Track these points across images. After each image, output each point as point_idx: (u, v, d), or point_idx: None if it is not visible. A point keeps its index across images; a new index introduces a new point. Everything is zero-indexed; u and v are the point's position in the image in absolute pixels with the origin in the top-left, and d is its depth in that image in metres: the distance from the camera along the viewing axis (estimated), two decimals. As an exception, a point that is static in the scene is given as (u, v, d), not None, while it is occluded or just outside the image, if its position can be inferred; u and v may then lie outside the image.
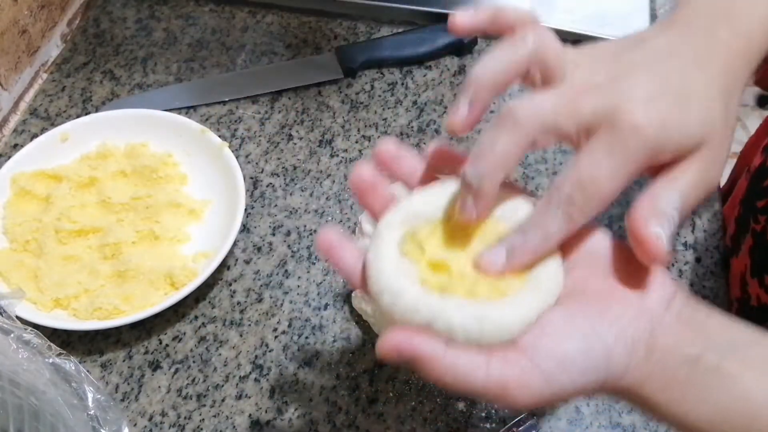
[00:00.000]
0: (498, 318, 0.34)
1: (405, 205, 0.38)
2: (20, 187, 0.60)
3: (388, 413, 0.53)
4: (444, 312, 0.34)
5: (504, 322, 0.34)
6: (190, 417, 0.53)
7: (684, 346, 0.34)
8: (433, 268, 0.36)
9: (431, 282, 0.36)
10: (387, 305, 0.35)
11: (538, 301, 0.35)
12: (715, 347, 0.34)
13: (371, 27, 0.77)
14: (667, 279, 0.37)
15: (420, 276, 0.36)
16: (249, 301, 0.59)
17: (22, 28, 0.71)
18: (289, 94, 0.72)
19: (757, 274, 0.55)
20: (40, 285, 0.56)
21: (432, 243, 0.37)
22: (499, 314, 0.34)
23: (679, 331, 0.35)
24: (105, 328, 0.54)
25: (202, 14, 0.78)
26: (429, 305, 0.34)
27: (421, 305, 0.34)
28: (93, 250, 0.59)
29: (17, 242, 0.58)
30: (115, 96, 0.71)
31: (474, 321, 0.34)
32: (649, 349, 0.34)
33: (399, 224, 0.38)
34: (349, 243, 0.38)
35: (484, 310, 0.34)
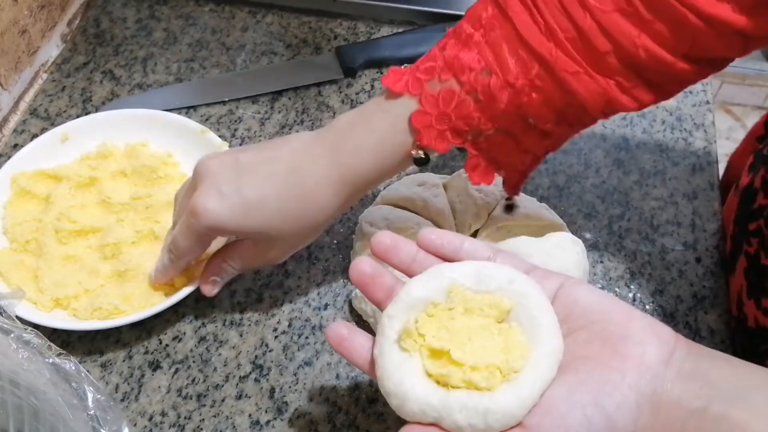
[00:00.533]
0: (501, 410, 0.35)
1: (404, 294, 0.39)
2: (20, 187, 0.60)
3: (388, 413, 0.53)
4: (449, 413, 0.36)
5: (508, 412, 0.35)
6: (190, 417, 0.53)
7: (690, 400, 0.35)
8: (434, 355, 0.38)
9: (433, 373, 0.37)
10: (396, 407, 0.38)
11: (540, 381, 0.36)
12: (720, 397, 0.34)
13: (371, 27, 0.77)
14: (665, 332, 0.37)
15: (422, 367, 0.38)
16: (249, 301, 0.59)
17: (22, 28, 0.71)
18: (289, 94, 0.72)
19: (754, 295, 0.55)
20: (40, 285, 0.56)
21: (432, 328, 0.38)
22: (502, 405, 0.35)
23: (682, 385, 0.35)
24: (105, 328, 0.54)
25: (202, 14, 0.78)
26: (434, 408, 0.36)
27: (427, 408, 0.37)
28: (93, 250, 0.59)
29: (17, 242, 0.58)
30: (115, 96, 0.71)
31: (478, 417, 0.36)
32: (654, 408, 0.35)
33: (400, 316, 0.39)
34: (359, 334, 0.41)
35: (487, 404, 0.36)
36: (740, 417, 0.33)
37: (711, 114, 0.71)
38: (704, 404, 0.34)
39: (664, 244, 0.61)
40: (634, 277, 0.60)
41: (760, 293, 0.54)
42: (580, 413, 0.35)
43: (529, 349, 0.37)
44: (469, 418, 0.36)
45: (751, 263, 0.56)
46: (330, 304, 0.58)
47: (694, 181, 0.65)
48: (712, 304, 0.58)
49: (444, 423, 0.36)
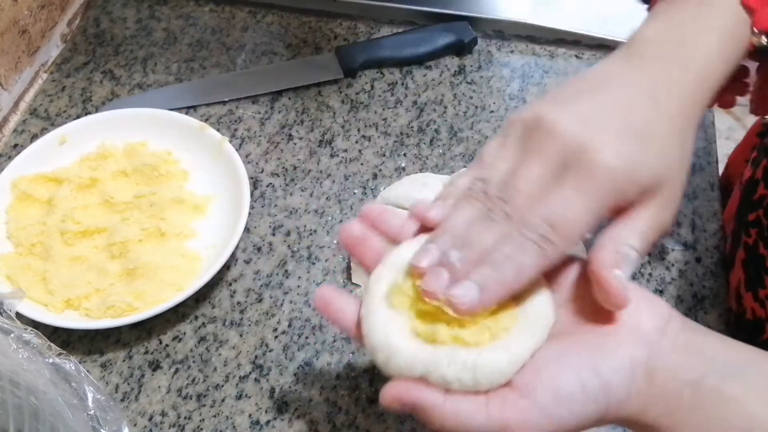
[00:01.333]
0: (490, 365, 0.35)
1: (393, 257, 0.39)
2: (21, 191, 0.60)
3: (388, 413, 0.53)
4: (437, 367, 0.35)
5: (497, 368, 0.35)
6: (190, 417, 0.53)
7: (684, 371, 0.35)
8: (422, 316, 0.37)
9: (421, 331, 0.37)
10: (382, 363, 0.37)
11: (530, 341, 0.36)
12: (714, 371, 0.35)
13: (371, 27, 0.77)
14: (660, 304, 0.37)
15: (410, 326, 0.37)
16: (249, 301, 0.59)
17: (22, 28, 0.71)
18: (289, 94, 0.72)
19: (751, 287, 0.55)
20: (49, 287, 0.56)
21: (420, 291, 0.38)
22: (491, 361, 0.35)
23: (677, 356, 0.35)
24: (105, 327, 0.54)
25: (202, 14, 0.78)
26: (422, 361, 0.36)
27: (414, 362, 0.36)
28: (100, 249, 0.59)
29: (23, 246, 0.58)
30: (115, 96, 0.71)
31: (467, 371, 0.35)
32: (648, 376, 0.35)
33: (388, 276, 0.39)
34: (346, 296, 0.40)
35: (476, 359, 0.35)
36: (734, 391, 0.34)
37: (711, 114, 0.71)
38: (698, 377, 0.34)
39: (664, 244, 0.61)
40: (634, 277, 0.60)
41: (758, 284, 0.54)
42: (573, 375, 0.34)
43: (519, 311, 0.37)
44: (457, 372, 0.35)
45: (749, 254, 0.56)
46: (330, 304, 0.58)
47: (694, 181, 0.65)
48: (712, 304, 0.58)
49: (431, 377, 0.35)
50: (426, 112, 0.70)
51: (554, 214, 0.35)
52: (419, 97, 0.71)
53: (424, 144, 0.68)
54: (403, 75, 0.73)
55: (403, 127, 0.69)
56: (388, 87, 0.72)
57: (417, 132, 0.69)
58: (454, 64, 0.74)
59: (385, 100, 0.71)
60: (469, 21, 0.74)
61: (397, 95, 0.71)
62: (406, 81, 0.73)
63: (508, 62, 0.74)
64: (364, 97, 0.71)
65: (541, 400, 0.34)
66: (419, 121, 0.69)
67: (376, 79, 0.73)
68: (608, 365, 0.35)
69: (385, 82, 0.72)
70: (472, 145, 0.68)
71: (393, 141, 0.68)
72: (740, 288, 0.57)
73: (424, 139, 0.68)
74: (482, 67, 0.74)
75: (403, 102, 0.71)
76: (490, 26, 0.76)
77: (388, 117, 0.70)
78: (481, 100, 0.71)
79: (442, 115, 0.70)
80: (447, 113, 0.70)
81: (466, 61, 0.74)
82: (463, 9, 0.75)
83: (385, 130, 0.69)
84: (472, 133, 0.69)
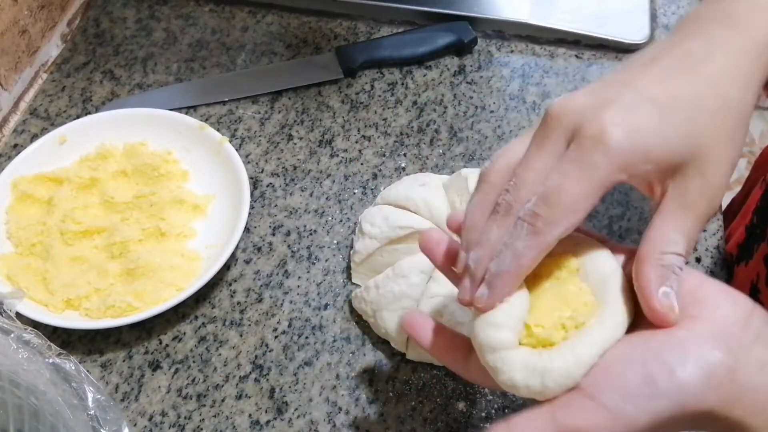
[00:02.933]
0: (559, 369, 0.34)
1: None
2: (21, 191, 0.60)
3: (388, 413, 0.53)
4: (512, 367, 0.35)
5: (565, 371, 0.34)
6: (190, 417, 0.53)
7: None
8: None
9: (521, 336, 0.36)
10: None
11: (600, 341, 0.34)
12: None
13: (371, 27, 0.77)
14: (741, 298, 0.35)
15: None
16: (249, 301, 0.59)
17: (22, 28, 0.71)
18: (289, 94, 0.72)
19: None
20: (49, 287, 0.56)
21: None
22: (561, 365, 0.34)
23: (762, 349, 0.33)
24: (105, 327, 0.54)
25: (202, 14, 0.78)
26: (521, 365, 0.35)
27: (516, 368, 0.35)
28: (100, 249, 0.59)
29: (23, 246, 0.58)
30: (115, 96, 0.71)
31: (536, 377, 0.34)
32: (731, 371, 0.32)
33: None
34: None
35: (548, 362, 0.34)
36: None
37: (711, 114, 0.71)
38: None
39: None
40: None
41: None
42: (640, 369, 0.32)
43: (596, 307, 0.36)
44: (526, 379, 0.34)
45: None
46: (330, 304, 0.58)
47: (694, 181, 0.65)
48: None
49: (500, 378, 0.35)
50: (426, 112, 0.70)
51: (548, 189, 0.34)
52: (419, 97, 0.71)
53: (424, 144, 0.68)
54: (403, 75, 0.73)
55: (403, 127, 0.69)
56: (388, 87, 0.72)
57: (417, 132, 0.69)
58: (454, 64, 0.74)
59: (385, 100, 0.71)
60: (469, 21, 0.74)
61: (397, 95, 0.71)
62: (406, 81, 0.73)
63: (508, 62, 0.74)
64: (364, 97, 0.71)
65: (609, 400, 0.32)
66: (419, 121, 0.69)
67: (376, 79, 0.73)
68: (678, 357, 0.32)
69: (385, 82, 0.72)
70: (472, 145, 0.68)
71: (393, 141, 0.68)
72: (758, 283, 0.56)
73: (424, 139, 0.68)
74: (482, 67, 0.74)
75: (403, 102, 0.71)
76: (490, 26, 0.76)
77: (388, 117, 0.70)
78: (481, 100, 0.71)
79: (442, 115, 0.70)
80: (447, 113, 0.70)
81: (466, 61, 0.74)
82: (463, 9, 0.75)
83: (385, 130, 0.69)
84: (472, 133, 0.69)
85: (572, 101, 0.35)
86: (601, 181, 0.34)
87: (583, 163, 0.33)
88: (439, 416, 0.53)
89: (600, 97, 0.34)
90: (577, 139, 0.34)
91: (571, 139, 0.34)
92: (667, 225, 0.35)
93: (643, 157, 0.33)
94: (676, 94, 0.34)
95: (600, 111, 0.33)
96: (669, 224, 0.35)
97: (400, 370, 0.55)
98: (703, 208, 0.35)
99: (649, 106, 0.34)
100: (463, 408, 0.53)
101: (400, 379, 0.55)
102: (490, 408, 0.53)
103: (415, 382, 0.54)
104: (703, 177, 0.34)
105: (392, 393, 0.54)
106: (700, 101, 0.34)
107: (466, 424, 0.53)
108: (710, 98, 0.35)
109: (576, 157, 0.34)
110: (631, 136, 0.33)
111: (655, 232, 0.35)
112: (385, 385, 0.54)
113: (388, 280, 0.54)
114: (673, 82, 0.35)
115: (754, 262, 0.57)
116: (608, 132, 0.33)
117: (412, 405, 0.53)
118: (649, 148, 0.33)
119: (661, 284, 0.34)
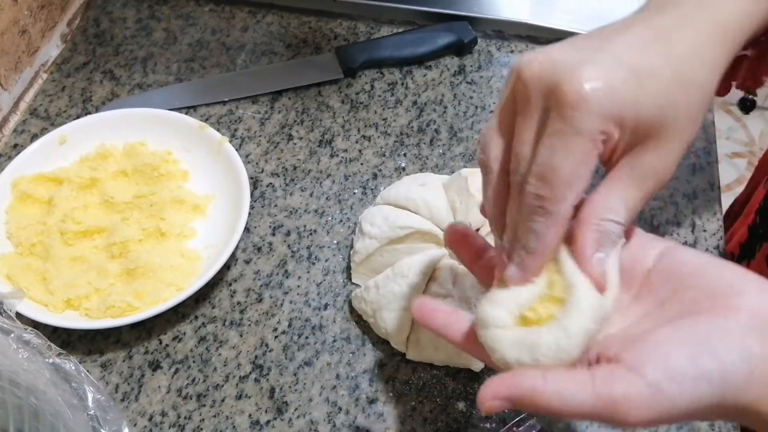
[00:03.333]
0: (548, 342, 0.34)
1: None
2: (21, 191, 0.60)
3: (388, 413, 0.53)
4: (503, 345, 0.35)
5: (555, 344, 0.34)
6: (190, 417, 0.53)
7: None
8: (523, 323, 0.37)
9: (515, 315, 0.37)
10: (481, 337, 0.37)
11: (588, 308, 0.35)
12: None
13: (371, 27, 0.77)
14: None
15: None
16: (249, 301, 0.59)
17: (22, 28, 0.71)
18: (289, 94, 0.72)
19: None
20: (49, 287, 0.56)
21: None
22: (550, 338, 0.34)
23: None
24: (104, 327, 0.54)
25: (202, 14, 0.78)
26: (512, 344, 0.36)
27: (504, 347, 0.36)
28: (100, 250, 0.59)
29: (23, 246, 0.58)
30: (115, 96, 0.71)
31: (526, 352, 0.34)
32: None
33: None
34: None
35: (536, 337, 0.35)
36: None
37: (711, 114, 0.71)
38: None
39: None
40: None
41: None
42: (686, 350, 0.31)
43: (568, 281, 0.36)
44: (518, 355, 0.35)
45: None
46: (330, 304, 0.58)
47: (694, 181, 0.65)
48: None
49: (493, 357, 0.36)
50: (426, 112, 0.70)
51: (541, 167, 0.34)
52: (419, 97, 0.71)
53: (424, 144, 0.68)
54: (403, 75, 0.73)
55: (403, 127, 0.69)
56: (388, 87, 0.72)
57: (417, 132, 0.69)
58: (454, 64, 0.74)
59: (385, 100, 0.71)
60: (469, 21, 0.74)
61: (397, 95, 0.72)
62: (406, 81, 0.73)
63: (508, 62, 0.74)
64: (364, 97, 0.71)
65: (651, 376, 0.31)
66: (419, 121, 0.69)
67: (376, 79, 0.73)
68: (724, 344, 0.31)
69: (385, 82, 0.72)
70: (472, 145, 0.68)
71: (393, 141, 0.68)
72: None
73: (424, 139, 0.68)
74: (482, 67, 0.74)
75: (403, 102, 0.71)
76: (490, 26, 0.76)
77: (388, 117, 0.70)
78: (481, 100, 0.71)
79: (442, 115, 0.70)
80: (447, 113, 0.70)
81: (466, 61, 0.74)
82: (463, 9, 0.75)
83: (385, 130, 0.69)
84: (472, 133, 0.69)
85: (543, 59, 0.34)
86: (589, 146, 0.33)
87: (567, 132, 0.33)
88: (439, 416, 0.53)
89: (574, 56, 0.34)
90: (556, 104, 0.33)
91: (549, 104, 0.34)
92: (612, 193, 0.35)
93: (621, 121, 0.33)
94: (651, 64, 0.34)
95: (576, 69, 0.33)
96: (614, 192, 0.35)
97: (400, 370, 0.55)
98: (651, 183, 0.35)
99: (625, 70, 0.33)
100: (463, 408, 0.53)
101: (400, 379, 0.55)
102: (490, 408, 0.53)
103: (415, 382, 0.54)
104: (659, 152, 0.35)
105: (392, 393, 0.54)
106: (674, 75, 0.35)
107: (466, 424, 0.53)
108: (681, 74, 0.35)
109: (559, 128, 0.33)
110: (609, 95, 0.33)
111: (599, 197, 0.35)
112: (385, 385, 0.54)
113: (388, 280, 0.54)
114: (647, 52, 0.35)
115: (756, 261, 0.57)
116: (586, 91, 0.33)
117: (412, 405, 0.53)
118: (623, 112, 0.33)
119: (597, 249, 0.34)
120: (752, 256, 0.59)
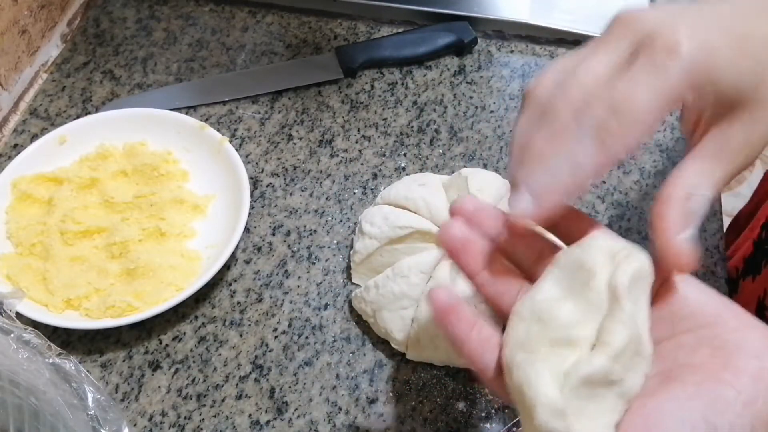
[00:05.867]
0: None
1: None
2: (21, 191, 0.60)
3: (388, 413, 0.53)
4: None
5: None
6: (190, 417, 0.53)
7: None
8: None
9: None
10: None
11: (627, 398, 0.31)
12: None
13: (371, 27, 0.77)
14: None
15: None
16: (249, 301, 0.59)
17: (22, 28, 0.71)
18: (289, 94, 0.72)
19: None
20: (49, 287, 0.56)
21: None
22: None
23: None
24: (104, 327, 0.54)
25: (202, 14, 0.78)
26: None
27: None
28: (100, 249, 0.59)
29: (23, 246, 0.58)
30: (115, 96, 0.71)
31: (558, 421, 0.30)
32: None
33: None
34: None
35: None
36: None
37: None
38: None
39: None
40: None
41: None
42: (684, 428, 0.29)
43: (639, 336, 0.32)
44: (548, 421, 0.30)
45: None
46: (330, 304, 0.58)
47: (694, 181, 0.65)
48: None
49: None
50: (426, 112, 0.70)
51: (617, 97, 0.31)
52: (419, 97, 0.71)
53: (424, 144, 0.68)
54: (403, 75, 0.73)
55: (403, 127, 0.69)
56: (388, 87, 0.72)
57: (417, 132, 0.69)
58: (454, 64, 0.74)
59: (385, 100, 0.71)
60: (469, 21, 0.74)
61: (397, 95, 0.72)
62: (406, 81, 0.73)
63: (508, 62, 0.74)
64: (364, 97, 0.71)
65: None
66: (419, 121, 0.69)
67: (376, 79, 0.73)
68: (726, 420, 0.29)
69: (385, 82, 0.72)
70: (472, 145, 0.68)
71: (393, 141, 0.68)
72: (765, 299, 0.54)
73: (424, 139, 0.68)
74: (482, 67, 0.74)
75: (403, 102, 0.71)
76: (490, 26, 0.76)
77: (388, 117, 0.70)
78: (481, 100, 0.71)
79: (442, 115, 0.70)
80: (447, 113, 0.70)
81: (466, 61, 0.74)
82: (463, 9, 0.75)
83: (385, 130, 0.69)
84: (472, 133, 0.69)
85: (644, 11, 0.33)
86: (673, 91, 0.31)
87: (655, 68, 0.31)
88: (439, 416, 0.53)
89: (675, 14, 0.32)
90: (649, 48, 0.31)
91: (639, 47, 0.32)
92: (699, 167, 0.33)
93: (713, 81, 0.32)
94: (753, 32, 0.33)
95: (676, 24, 0.31)
96: (701, 167, 0.33)
97: (400, 370, 0.55)
98: (740, 159, 0.33)
99: (725, 33, 0.32)
100: (463, 408, 0.53)
101: (400, 379, 0.55)
102: (490, 408, 0.53)
103: (415, 382, 0.54)
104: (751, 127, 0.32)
105: (392, 393, 0.54)
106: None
107: (466, 424, 0.53)
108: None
109: (647, 62, 0.31)
110: (707, 54, 0.31)
111: (686, 172, 0.33)
112: (385, 385, 0.54)
113: (388, 280, 0.54)
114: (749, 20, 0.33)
115: (761, 277, 0.56)
116: (684, 44, 0.31)
117: (412, 405, 0.53)
118: (720, 74, 0.32)
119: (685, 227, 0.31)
120: (758, 272, 0.58)
